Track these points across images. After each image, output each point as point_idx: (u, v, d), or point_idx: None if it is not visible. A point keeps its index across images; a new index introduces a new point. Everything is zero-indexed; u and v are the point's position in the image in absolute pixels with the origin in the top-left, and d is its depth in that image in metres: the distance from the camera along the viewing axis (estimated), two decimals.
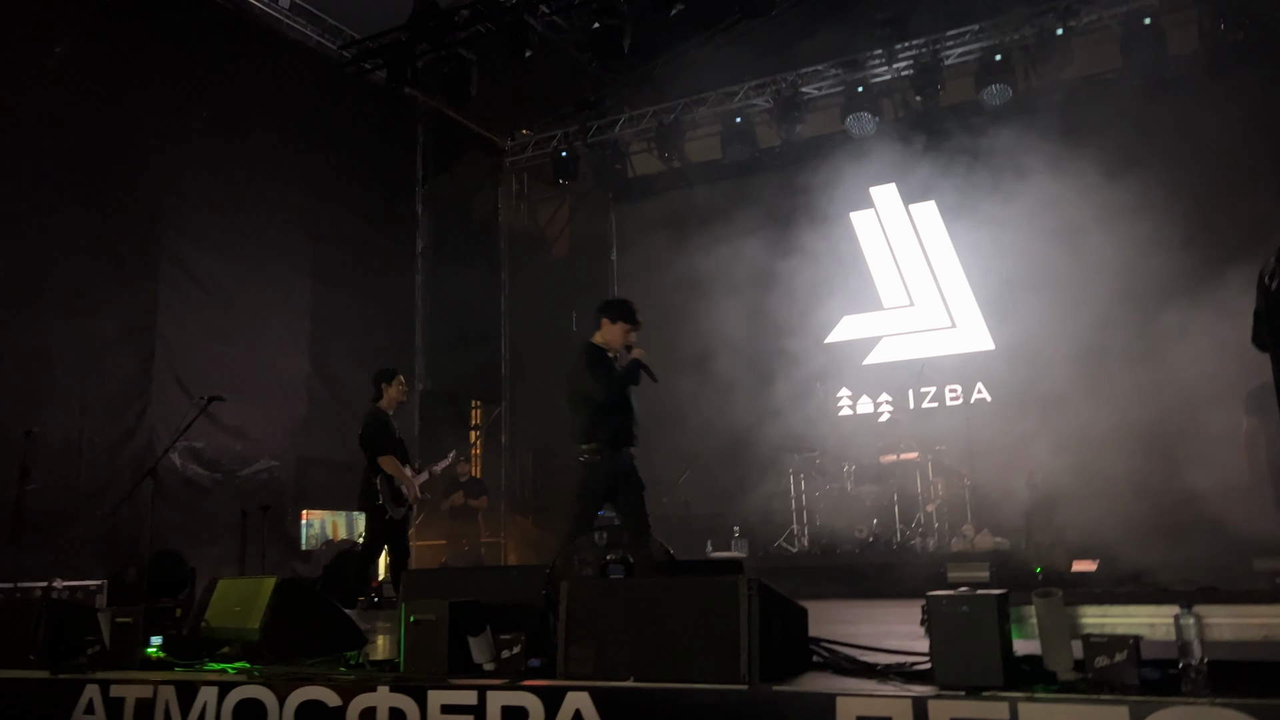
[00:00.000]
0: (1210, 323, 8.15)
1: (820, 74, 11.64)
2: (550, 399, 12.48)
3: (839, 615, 6.56)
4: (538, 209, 13.72)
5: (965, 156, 10.83)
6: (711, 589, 3.35)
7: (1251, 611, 2.87)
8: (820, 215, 11.42)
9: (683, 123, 12.23)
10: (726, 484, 11.28)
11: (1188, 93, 9.99)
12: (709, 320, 11.74)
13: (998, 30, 10.70)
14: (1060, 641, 2.91)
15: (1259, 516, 7.66)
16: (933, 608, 3.01)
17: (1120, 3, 10.10)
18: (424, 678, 3.57)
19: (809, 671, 3.54)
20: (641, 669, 3.29)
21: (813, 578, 9.59)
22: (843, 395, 11.58)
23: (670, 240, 12.65)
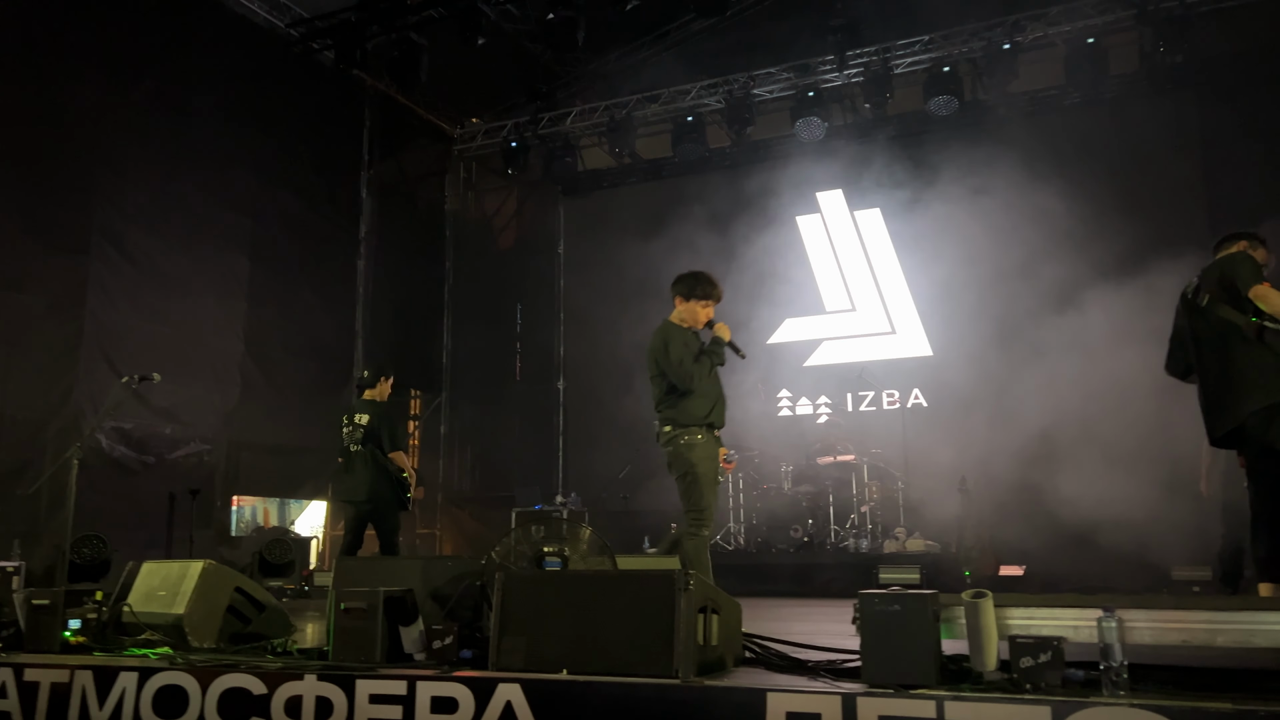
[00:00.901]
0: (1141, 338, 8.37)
1: (772, 77, 11.72)
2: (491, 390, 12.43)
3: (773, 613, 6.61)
4: (485, 199, 13.61)
5: (912, 165, 11.01)
6: (647, 583, 3.35)
7: (1170, 616, 2.95)
8: (767, 217, 11.51)
9: (634, 119, 12.22)
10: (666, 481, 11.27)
11: (1128, 111, 10.27)
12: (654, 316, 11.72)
13: (947, 42, 10.88)
14: (987, 642, 2.96)
15: (1180, 527, 7.91)
16: (864, 607, 3.04)
17: (1065, 21, 10.33)
18: (353, 667, 3.51)
19: (742, 667, 3.57)
20: (575, 662, 3.28)
21: (748, 576, 9.67)
22: (783, 396, 11.68)
23: (618, 236, 12.66)
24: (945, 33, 10.86)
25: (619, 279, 12.39)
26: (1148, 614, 2.92)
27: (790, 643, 3.74)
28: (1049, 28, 10.42)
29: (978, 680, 2.94)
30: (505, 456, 12.49)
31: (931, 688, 2.85)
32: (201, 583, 4.27)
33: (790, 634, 4.01)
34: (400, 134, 12.39)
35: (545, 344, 13.00)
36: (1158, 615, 2.92)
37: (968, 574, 8.80)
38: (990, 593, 3.04)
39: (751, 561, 9.79)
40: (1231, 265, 4.43)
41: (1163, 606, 2.98)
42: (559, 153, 12.44)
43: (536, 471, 12.26)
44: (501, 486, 11.73)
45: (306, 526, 10.78)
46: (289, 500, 10.73)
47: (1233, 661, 3.02)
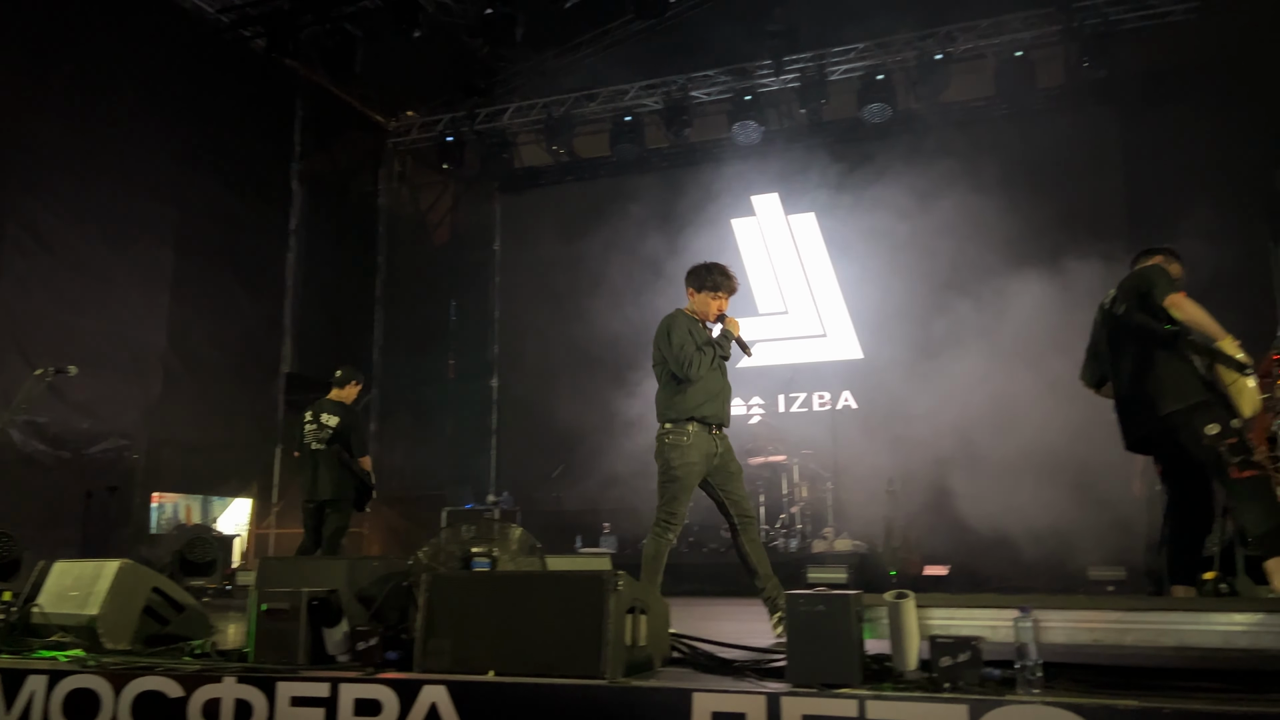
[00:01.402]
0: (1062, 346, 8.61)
1: (710, 80, 11.79)
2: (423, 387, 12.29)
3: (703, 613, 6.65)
4: (419, 193, 13.44)
5: (846, 171, 11.16)
6: (576, 584, 3.34)
7: (1083, 616, 3.03)
8: (703, 219, 11.57)
9: (573, 117, 12.19)
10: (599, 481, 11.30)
11: (1054, 124, 10.55)
12: (589, 316, 11.75)
13: (881, 51, 11.06)
14: (908, 642, 3.02)
15: (1097, 528, 8.17)
16: (790, 607, 3.08)
17: (995, 35, 10.58)
18: (274, 669, 3.44)
19: (669, 667, 3.58)
20: (502, 663, 3.26)
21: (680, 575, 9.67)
22: None
23: (554, 233, 12.62)
24: (880, 41, 11.04)
25: (555, 277, 12.37)
26: (1062, 614, 3.01)
27: (718, 643, 3.77)
28: (979, 40, 10.66)
29: (899, 679, 2.99)
30: (437, 455, 12.35)
31: (854, 687, 2.90)
32: (117, 583, 4.15)
33: (719, 634, 4.04)
34: (333, 125, 12.18)
35: (479, 341, 12.90)
36: (1071, 615, 3.00)
37: (893, 574, 8.97)
38: (912, 593, 3.10)
39: (682, 561, 9.81)
40: (1147, 276, 4.59)
41: (1076, 607, 3.07)
42: (496, 149, 12.36)
43: (469, 470, 12.16)
44: (432, 485, 11.60)
45: (231, 524, 10.53)
46: (213, 498, 10.48)
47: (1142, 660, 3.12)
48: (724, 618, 6.27)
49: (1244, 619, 2.93)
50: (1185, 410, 4.36)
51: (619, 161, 12.26)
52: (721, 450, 4.99)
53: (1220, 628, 2.90)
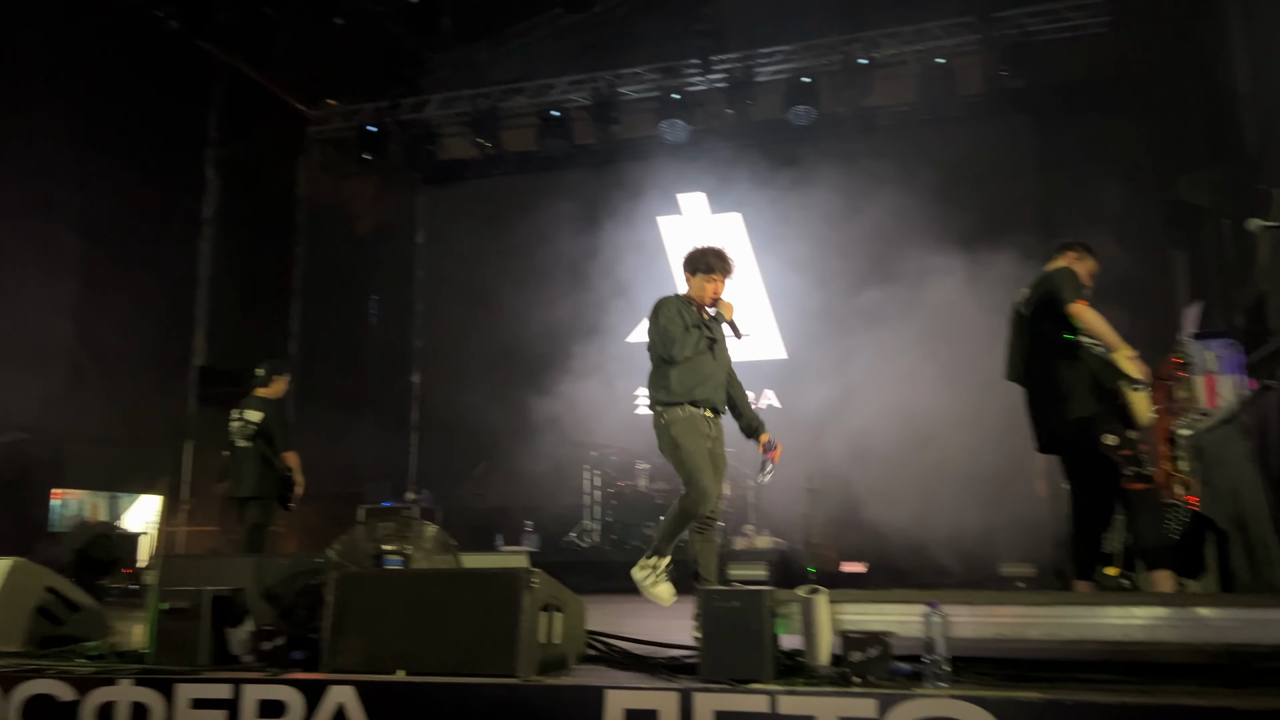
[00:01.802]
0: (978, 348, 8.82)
1: (638, 77, 11.77)
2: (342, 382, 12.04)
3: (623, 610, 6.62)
4: (340, 184, 13.13)
5: (772, 172, 11.25)
6: (490, 582, 3.30)
7: (989, 611, 3.10)
8: (629, 216, 11.56)
9: (499, 110, 12.06)
10: (522, 478, 11.22)
11: (973, 130, 10.79)
12: (513, 311, 11.67)
13: (807, 54, 11.17)
14: (820, 637, 3.05)
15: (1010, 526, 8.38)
16: (705, 603, 3.08)
17: (917, 42, 10.77)
18: (173, 670, 3.33)
19: (584, 665, 3.56)
20: (413, 662, 3.20)
21: (603, 573, 9.67)
22: (640, 394, 11.75)
23: (479, 227, 12.49)
24: (806, 44, 11.15)
25: (479, 271, 12.23)
26: (969, 609, 3.07)
27: (634, 640, 3.76)
28: (902, 46, 10.84)
29: (811, 674, 3.02)
30: (355, 452, 12.10)
31: (766, 682, 2.91)
32: (7, 582, 3.97)
33: (637, 631, 4.03)
34: (250, 112, 11.82)
35: (400, 336, 12.69)
36: (977, 610, 3.06)
37: (812, 570, 9.08)
38: (824, 589, 3.13)
39: (606, 559, 9.82)
40: (1054, 281, 4.70)
41: (981, 602, 3.14)
42: (420, 140, 12.17)
43: (388, 468, 11.96)
44: (350, 482, 11.37)
45: (139, 522, 10.18)
46: (120, 494, 10.11)
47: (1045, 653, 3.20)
48: (644, 614, 6.25)
49: (1141, 613, 3.02)
50: (1087, 418, 4.50)
51: (546, 156, 12.17)
52: (715, 436, 4.89)
53: (1118, 621, 2.99)
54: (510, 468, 11.10)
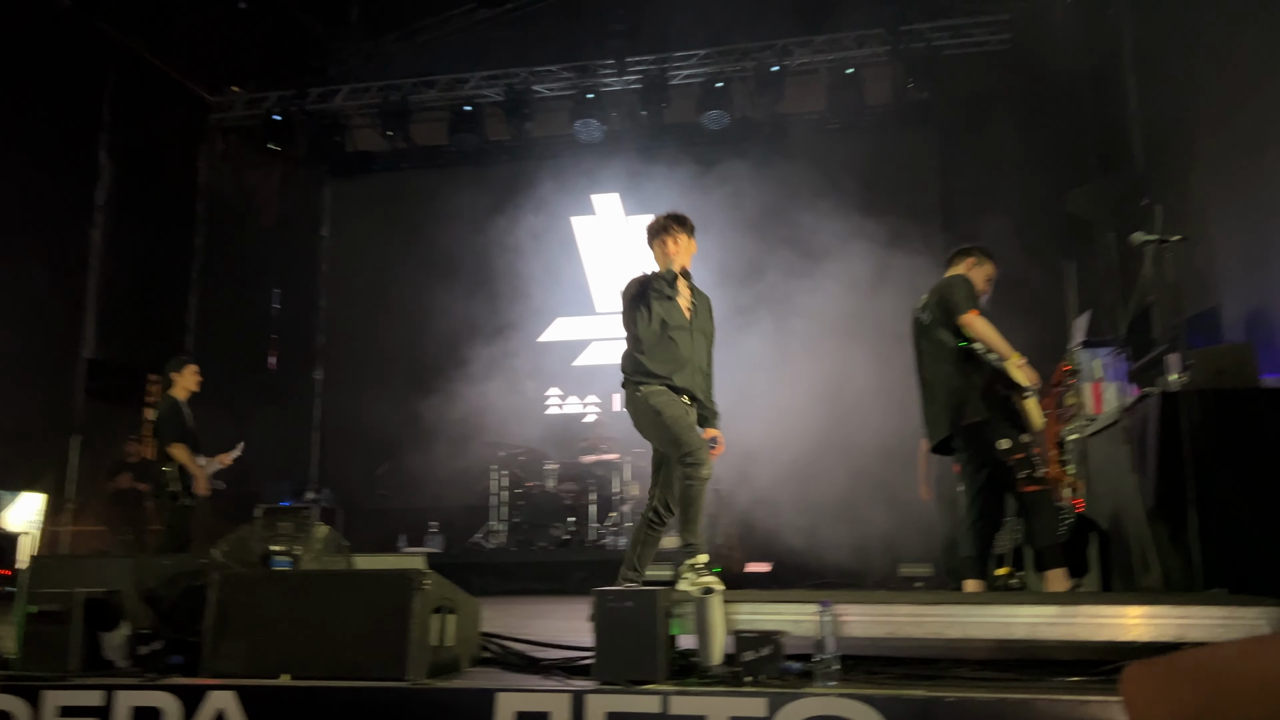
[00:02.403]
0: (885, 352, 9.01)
1: (553, 75, 11.71)
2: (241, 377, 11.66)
3: (526, 611, 6.58)
4: (243, 173, 12.73)
5: (686, 174, 11.28)
6: (380, 583, 3.22)
7: (880, 610, 3.15)
8: (543, 215, 11.49)
9: (410, 103, 11.85)
10: (427, 478, 11.04)
11: (880, 139, 11.02)
12: (420, 308, 11.47)
13: (721, 59, 11.27)
14: (714, 637, 3.06)
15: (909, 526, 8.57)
16: (599, 603, 3.06)
17: (828, 51, 10.96)
18: (41, 676, 3.16)
19: (477, 667, 3.51)
20: (299, 666, 3.11)
21: (509, 574, 9.62)
22: (551, 394, 11.69)
23: (387, 221, 12.25)
24: (720, 49, 11.25)
25: (386, 267, 12.00)
26: (860, 608, 3.11)
27: (530, 641, 3.72)
28: (814, 55, 11.02)
29: (704, 674, 3.02)
30: (254, 449, 11.73)
31: (659, 683, 2.90)
32: None
33: (536, 632, 3.99)
34: (148, 97, 11.35)
35: (303, 331, 12.36)
36: (868, 610, 3.11)
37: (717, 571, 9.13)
38: (720, 589, 3.14)
39: (512, 560, 9.74)
40: (949, 289, 4.83)
41: (873, 601, 3.19)
42: (327, 131, 11.88)
43: (288, 466, 11.63)
44: (247, 481, 11.01)
45: (20, 521, 9.68)
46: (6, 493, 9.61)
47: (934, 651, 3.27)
48: (545, 615, 6.22)
49: (1024, 612, 3.11)
50: (980, 423, 4.63)
51: (457, 151, 12.02)
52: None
53: (1001, 620, 3.07)
54: (415, 468, 10.91)
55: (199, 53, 11.00)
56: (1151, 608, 3.04)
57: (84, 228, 10.82)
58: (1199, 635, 2.94)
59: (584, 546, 9.70)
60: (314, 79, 11.79)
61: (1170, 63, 7.92)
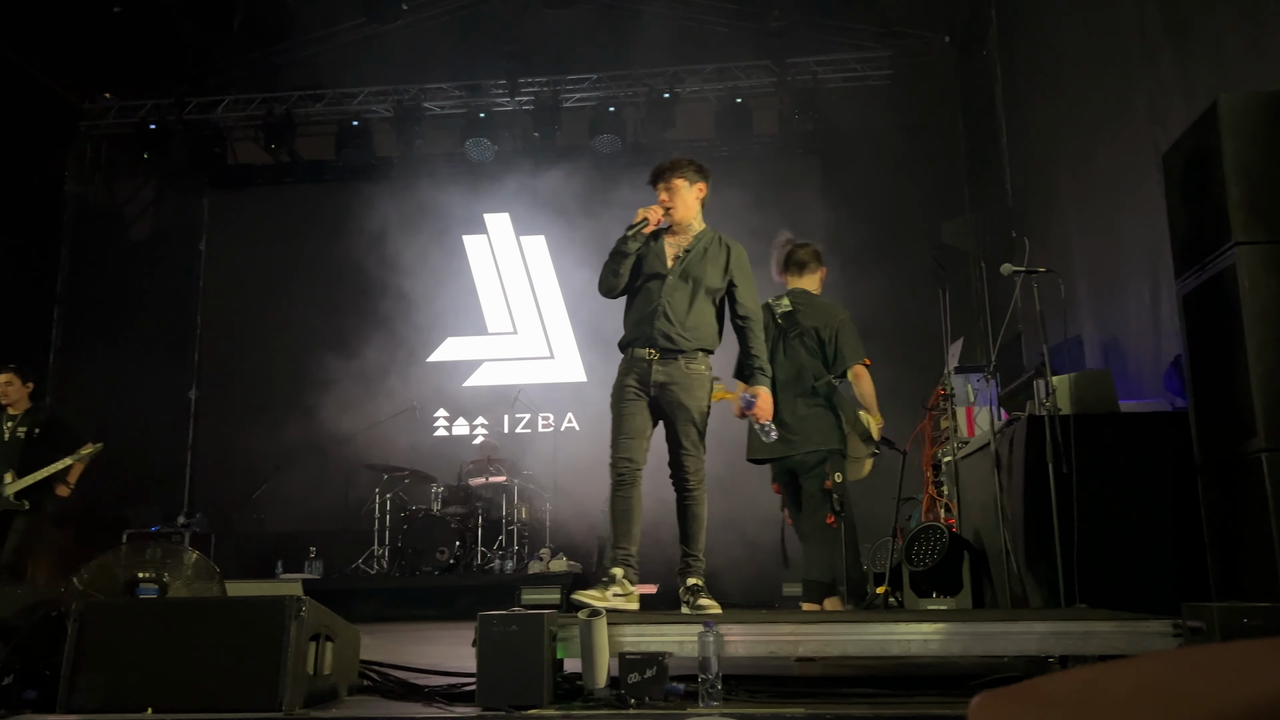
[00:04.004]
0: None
1: (443, 92, 11.62)
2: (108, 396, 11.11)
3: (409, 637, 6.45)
4: (116, 184, 12.20)
5: (578, 197, 11.34)
6: (253, 610, 3.11)
7: (762, 630, 3.20)
8: (433, 233, 11.36)
9: (295, 116, 11.58)
10: (307, 501, 10.71)
11: (767, 167, 11.29)
12: (305, 327, 11.17)
13: (613, 84, 11.39)
14: (599, 659, 3.05)
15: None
16: (483, 627, 3.03)
17: (718, 80, 11.20)
18: None
19: (357, 695, 3.41)
20: (165, 699, 2.97)
21: (393, 599, 9.39)
22: (439, 416, 11.52)
23: (269, 237, 11.90)
24: (612, 74, 11.37)
25: (268, 283, 11.64)
26: (742, 628, 3.16)
27: (411, 668, 3.64)
28: (704, 84, 11.25)
29: (589, 698, 3.02)
30: (121, 472, 11.17)
31: (543, 707, 2.88)
32: None
33: (419, 659, 3.92)
34: (12, 99, 10.79)
35: (178, 348, 11.86)
36: (751, 629, 3.16)
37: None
38: (605, 611, 3.14)
39: (395, 585, 9.52)
40: (844, 331, 5.04)
41: (755, 621, 3.24)
42: (206, 142, 11.48)
43: (158, 489, 11.11)
44: (114, 505, 10.49)
45: None
46: None
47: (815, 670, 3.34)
48: (429, 641, 6.10)
49: (900, 629, 3.21)
50: (825, 452, 4.87)
51: (345, 167, 11.77)
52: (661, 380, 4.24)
53: (878, 638, 3.16)
54: (295, 491, 10.58)
55: (69, 56, 10.50)
56: (1017, 624, 3.18)
57: None
58: (1061, 649, 3.09)
59: (470, 570, 9.56)
60: (193, 88, 11.40)
61: (1037, 104, 8.37)
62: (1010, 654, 3.36)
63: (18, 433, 6.72)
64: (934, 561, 5.17)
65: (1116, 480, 4.29)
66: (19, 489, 6.49)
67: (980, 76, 9.99)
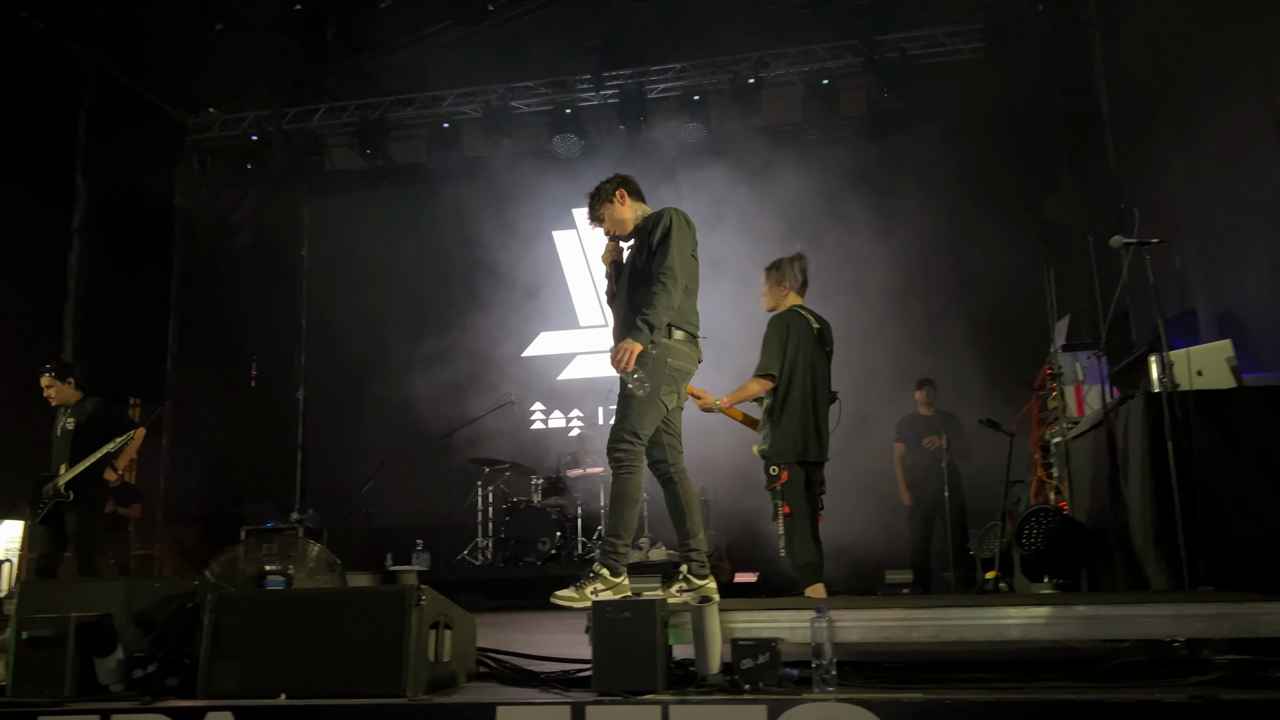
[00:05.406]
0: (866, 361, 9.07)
1: (530, 90, 11.75)
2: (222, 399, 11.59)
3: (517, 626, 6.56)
4: (221, 194, 12.70)
5: (664, 188, 11.33)
6: (376, 600, 3.22)
7: (874, 616, 3.18)
8: (524, 230, 11.52)
9: (388, 121, 11.87)
10: (412, 495, 11.01)
11: (856, 149, 11.10)
12: (404, 326, 11.44)
13: (697, 72, 11.35)
14: (711, 646, 3.06)
15: (891, 534, 8.61)
16: (596, 615, 3.07)
17: (803, 63, 11.07)
18: (35, 703, 3.13)
19: (474, 682, 3.50)
20: (296, 685, 3.09)
21: (496, 590, 9.58)
22: (536, 409, 11.69)
23: (366, 240, 12.22)
24: (696, 63, 11.33)
25: (367, 285, 11.97)
26: (854, 614, 3.14)
27: (526, 655, 3.72)
28: (789, 67, 11.12)
29: (702, 683, 3.03)
30: (237, 471, 11.66)
31: (657, 693, 2.91)
32: None
33: (530, 646, 3.99)
34: (124, 118, 11.31)
35: (285, 351, 12.29)
36: (862, 615, 3.14)
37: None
38: (716, 597, 3.16)
39: (499, 576, 9.71)
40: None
41: (867, 607, 3.21)
42: (305, 150, 11.86)
43: (271, 487, 11.55)
44: (231, 503, 10.95)
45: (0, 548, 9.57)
46: None
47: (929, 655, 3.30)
48: (537, 629, 6.20)
49: (1016, 614, 3.14)
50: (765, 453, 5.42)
51: (436, 169, 12.01)
52: None
53: (994, 622, 3.10)
54: (400, 486, 10.88)
55: (174, 74, 10.97)
56: (1140, 607, 3.08)
57: (62, 252, 10.75)
58: (1190, 632, 2.99)
59: (572, 560, 9.68)
60: (291, 99, 11.78)
61: (1140, 68, 8.05)
62: (1134, 637, 3.26)
63: (68, 426, 6.97)
64: (1046, 545, 5.04)
65: (1242, 457, 4.11)
66: (67, 479, 6.71)
67: (1078, 44, 9.64)
